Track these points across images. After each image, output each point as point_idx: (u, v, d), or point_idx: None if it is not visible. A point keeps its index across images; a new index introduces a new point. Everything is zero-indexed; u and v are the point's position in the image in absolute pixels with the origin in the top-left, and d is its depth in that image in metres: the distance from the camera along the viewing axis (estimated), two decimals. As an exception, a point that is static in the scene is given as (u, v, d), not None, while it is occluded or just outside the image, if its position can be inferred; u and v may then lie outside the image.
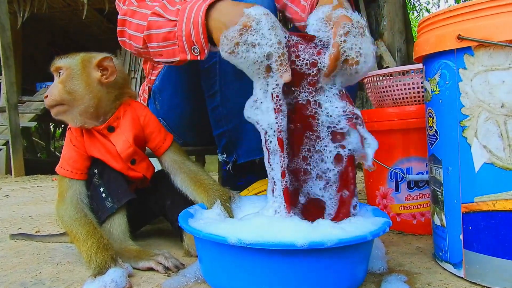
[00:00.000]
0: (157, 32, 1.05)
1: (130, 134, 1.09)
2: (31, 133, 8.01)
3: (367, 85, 1.43)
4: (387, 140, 1.29)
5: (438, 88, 0.91)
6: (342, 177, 0.90)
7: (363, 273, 0.83)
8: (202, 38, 0.97)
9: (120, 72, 1.11)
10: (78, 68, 1.06)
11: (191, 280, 0.90)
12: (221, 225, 0.85)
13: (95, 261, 0.94)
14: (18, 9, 5.93)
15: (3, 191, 3.09)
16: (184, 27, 0.99)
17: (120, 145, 1.08)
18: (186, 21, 0.99)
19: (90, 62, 1.07)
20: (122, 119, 1.10)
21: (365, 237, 0.75)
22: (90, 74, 1.06)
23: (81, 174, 1.10)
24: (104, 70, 1.07)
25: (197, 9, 0.98)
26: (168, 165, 1.15)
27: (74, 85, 1.05)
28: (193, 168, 1.14)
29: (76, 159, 1.10)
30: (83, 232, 1.00)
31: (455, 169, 0.89)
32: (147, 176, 1.16)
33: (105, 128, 1.08)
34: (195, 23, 0.97)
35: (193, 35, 0.98)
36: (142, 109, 1.15)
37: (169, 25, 1.03)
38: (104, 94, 1.07)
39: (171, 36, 1.03)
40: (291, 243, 0.70)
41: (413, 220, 1.27)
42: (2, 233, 1.49)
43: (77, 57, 1.08)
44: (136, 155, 1.11)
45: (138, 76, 6.17)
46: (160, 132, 1.16)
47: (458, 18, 0.85)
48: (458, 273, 0.90)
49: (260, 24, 0.86)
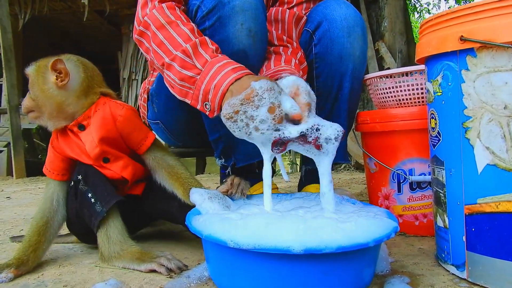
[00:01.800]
0: (179, 70, 1.05)
1: (96, 134, 1.08)
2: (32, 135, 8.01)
3: (370, 86, 1.43)
4: (390, 141, 1.29)
5: (441, 90, 0.91)
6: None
7: (369, 277, 0.83)
8: (217, 102, 0.99)
9: (83, 70, 1.11)
10: (35, 75, 1.09)
11: (194, 282, 0.90)
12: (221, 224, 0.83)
13: (16, 253, 1.04)
14: (19, 11, 5.93)
15: (4, 192, 3.09)
16: (206, 82, 1.00)
17: (88, 145, 1.09)
18: (210, 78, 1.00)
19: (46, 67, 1.08)
20: (92, 118, 1.10)
21: (366, 244, 0.74)
22: (46, 79, 1.08)
23: (57, 175, 1.15)
24: (60, 73, 1.07)
25: (224, 75, 0.98)
26: (149, 163, 1.17)
27: (34, 92, 1.09)
28: (172, 163, 1.16)
29: (53, 159, 1.15)
30: (28, 228, 1.10)
31: (457, 170, 0.89)
32: (125, 177, 1.13)
33: (75, 126, 1.10)
34: (217, 86, 0.98)
35: (211, 94, 0.99)
36: (120, 109, 1.13)
37: (193, 71, 1.03)
38: (65, 97, 1.08)
39: (191, 81, 1.04)
40: (287, 248, 0.70)
41: (415, 221, 1.27)
42: (4, 234, 1.49)
43: (37, 63, 1.10)
44: (109, 154, 1.11)
45: (139, 78, 6.17)
46: (141, 131, 1.16)
47: (460, 20, 0.85)
48: (461, 275, 0.90)
49: (261, 101, 0.89)
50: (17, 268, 1.00)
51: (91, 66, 1.16)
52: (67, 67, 1.08)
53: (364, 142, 1.42)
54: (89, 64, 1.16)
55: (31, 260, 1.03)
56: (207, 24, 1.18)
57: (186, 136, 1.59)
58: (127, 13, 6.09)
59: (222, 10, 1.16)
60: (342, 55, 1.32)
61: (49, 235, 1.10)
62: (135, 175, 1.16)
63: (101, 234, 1.05)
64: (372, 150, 1.35)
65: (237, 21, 1.16)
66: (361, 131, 1.42)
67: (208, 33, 1.16)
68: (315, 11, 1.41)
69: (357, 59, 1.34)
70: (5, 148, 5.46)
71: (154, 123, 1.56)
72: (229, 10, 1.15)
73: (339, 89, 1.37)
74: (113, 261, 1.04)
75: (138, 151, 1.16)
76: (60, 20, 7.10)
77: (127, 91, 6.17)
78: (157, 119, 1.53)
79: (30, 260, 1.03)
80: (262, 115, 0.88)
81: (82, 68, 1.12)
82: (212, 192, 1.04)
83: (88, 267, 1.05)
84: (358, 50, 1.33)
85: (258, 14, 1.19)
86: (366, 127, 1.37)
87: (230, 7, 1.15)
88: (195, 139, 1.60)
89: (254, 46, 1.20)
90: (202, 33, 1.13)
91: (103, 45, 8.19)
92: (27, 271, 1.02)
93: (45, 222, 1.09)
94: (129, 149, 1.16)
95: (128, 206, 1.12)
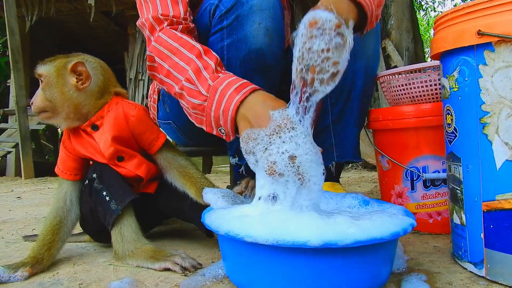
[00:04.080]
0: (189, 99, 1.05)
1: (109, 134, 1.08)
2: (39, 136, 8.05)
3: (383, 83, 1.42)
4: (402, 139, 1.28)
5: (457, 85, 0.90)
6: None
7: (386, 275, 0.82)
8: (229, 127, 0.99)
9: (101, 73, 1.12)
10: (54, 76, 1.08)
11: (209, 280, 0.89)
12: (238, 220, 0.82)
13: (31, 251, 1.04)
14: (26, 12, 5.96)
15: (14, 193, 3.10)
16: (214, 109, 1.00)
17: (102, 144, 1.09)
18: (217, 104, 0.99)
19: (66, 68, 1.07)
20: (105, 118, 1.10)
21: (383, 238, 0.73)
22: (66, 81, 1.07)
23: (70, 175, 1.14)
24: (80, 75, 1.08)
25: (228, 99, 0.97)
26: (160, 162, 1.17)
27: (52, 93, 1.08)
28: (183, 163, 1.16)
29: (65, 159, 1.15)
30: (42, 227, 1.10)
31: (475, 166, 0.88)
32: (140, 175, 1.13)
33: (89, 126, 1.10)
34: (225, 112, 0.97)
35: (221, 120, 0.99)
36: (132, 109, 1.13)
37: (200, 98, 1.02)
38: (83, 99, 1.08)
39: (201, 108, 1.03)
40: (305, 242, 0.70)
41: (429, 219, 1.26)
42: (17, 234, 1.50)
43: (53, 63, 1.09)
44: (123, 153, 1.11)
45: (145, 78, 6.18)
46: (153, 131, 1.16)
47: (477, 14, 0.84)
48: (479, 273, 0.89)
49: (282, 136, 0.86)
50: (32, 267, 1.00)
51: (106, 67, 1.16)
52: (88, 70, 1.08)
53: (376, 139, 1.41)
54: (105, 65, 1.16)
55: (46, 259, 1.04)
56: (225, 23, 1.18)
57: (199, 136, 1.58)
58: (133, 14, 6.09)
59: (241, 9, 1.16)
60: (355, 52, 1.32)
61: (63, 234, 1.10)
62: (149, 173, 1.16)
63: (115, 233, 1.05)
64: (385, 148, 1.34)
65: (255, 20, 1.16)
66: (373, 129, 1.41)
67: (225, 32, 1.16)
68: None
69: (370, 57, 1.33)
70: (14, 149, 5.49)
71: (165, 123, 1.56)
72: (248, 9, 1.16)
73: (352, 87, 1.36)
74: (127, 260, 1.04)
75: (149, 151, 1.16)
76: (67, 21, 7.13)
77: (134, 91, 6.18)
78: (168, 119, 1.53)
79: (45, 259, 1.03)
80: (280, 161, 0.85)
81: (100, 71, 1.12)
82: (225, 191, 1.04)
83: (103, 265, 1.05)
84: (371, 48, 1.33)
85: (276, 14, 1.20)
86: (378, 125, 1.36)
87: (249, 6, 1.16)
88: (209, 139, 1.60)
89: (271, 45, 1.20)
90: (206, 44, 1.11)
91: (109, 46, 8.22)
92: (42, 269, 1.03)
93: (58, 221, 1.10)
94: (141, 149, 1.16)
95: (141, 204, 1.12)
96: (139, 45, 6.23)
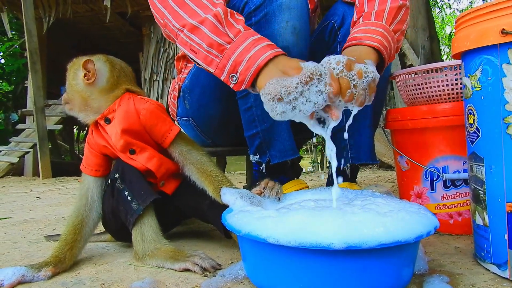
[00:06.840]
0: (209, 35, 1.01)
1: (119, 127, 1.10)
2: (55, 136, 8.18)
3: (399, 83, 1.41)
4: (422, 139, 1.26)
5: (480, 85, 0.89)
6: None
7: (408, 276, 0.81)
8: (248, 77, 0.97)
9: (109, 70, 1.15)
10: (69, 71, 1.17)
11: (230, 281, 0.90)
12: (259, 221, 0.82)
13: (54, 251, 1.06)
14: (43, 14, 6.06)
15: (33, 192, 3.16)
16: (238, 53, 0.98)
17: (113, 137, 1.12)
18: (243, 50, 0.98)
19: (79, 65, 1.13)
20: (116, 111, 1.13)
21: (407, 240, 0.73)
22: (76, 75, 1.14)
23: (91, 170, 1.18)
24: (88, 72, 1.12)
25: (260, 49, 0.97)
26: (176, 157, 1.17)
27: (68, 87, 1.18)
28: (200, 158, 1.16)
29: (88, 155, 1.20)
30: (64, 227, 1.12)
31: (498, 167, 0.86)
32: (150, 169, 1.13)
33: (102, 119, 1.14)
34: (252, 60, 0.96)
35: (242, 66, 0.97)
36: (143, 103, 1.14)
37: (224, 38, 1.00)
38: (90, 92, 1.14)
39: (220, 49, 1.01)
40: (328, 244, 0.69)
41: (449, 219, 1.24)
42: (38, 233, 1.53)
43: (73, 61, 1.18)
44: (134, 146, 1.13)
45: (160, 79, 6.23)
46: (165, 123, 1.16)
47: (501, 12, 0.82)
48: (502, 274, 0.88)
49: (314, 81, 0.88)
50: (55, 266, 1.01)
51: (119, 65, 1.19)
52: (96, 67, 1.12)
53: (395, 139, 1.39)
54: (117, 63, 1.19)
55: (68, 259, 1.05)
56: (253, 20, 1.19)
57: (217, 134, 1.59)
58: (147, 14, 6.15)
59: (269, 7, 1.17)
60: None
61: (85, 233, 1.12)
62: (162, 168, 1.15)
63: (135, 233, 1.06)
64: (403, 148, 1.33)
65: (282, 18, 1.18)
66: (392, 129, 1.40)
67: (253, 29, 1.16)
68: (341, 4, 1.41)
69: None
70: (32, 149, 5.59)
71: (184, 120, 1.58)
72: (276, 7, 1.17)
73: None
74: (147, 260, 1.05)
75: (163, 144, 1.16)
76: (83, 22, 7.22)
77: (149, 91, 6.23)
78: (188, 116, 1.54)
79: (67, 259, 1.05)
80: (319, 100, 0.88)
81: (109, 67, 1.15)
82: (243, 192, 1.04)
83: (123, 265, 1.07)
84: None
85: (303, 13, 1.21)
86: (396, 125, 1.34)
87: (277, 4, 1.17)
88: (226, 137, 1.61)
89: (297, 43, 1.21)
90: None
91: (124, 46, 8.31)
92: (64, 269, 1.04)
93: (80, 220, 1.11)
94: (156, 144, 1.17)
95: (161, 204, 1.13)
96: (153, 45, 6.28)
